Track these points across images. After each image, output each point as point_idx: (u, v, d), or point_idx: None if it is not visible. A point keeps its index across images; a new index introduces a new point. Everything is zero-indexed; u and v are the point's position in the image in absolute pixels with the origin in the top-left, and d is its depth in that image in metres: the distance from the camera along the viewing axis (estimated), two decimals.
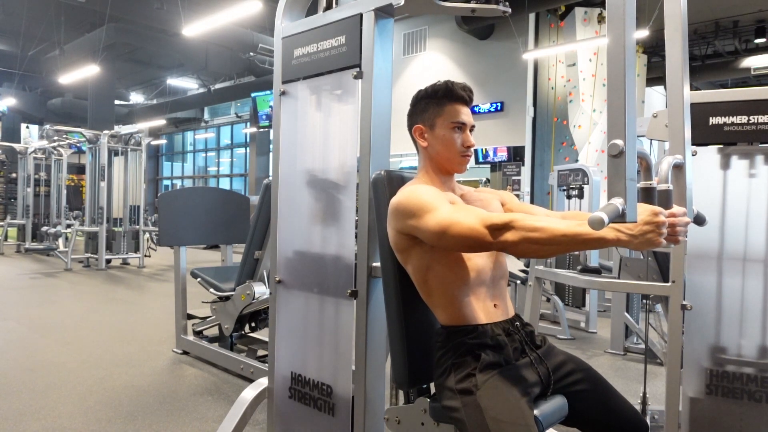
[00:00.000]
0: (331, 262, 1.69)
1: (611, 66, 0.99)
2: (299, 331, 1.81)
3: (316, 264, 1.74)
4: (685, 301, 1.86)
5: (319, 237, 1.76)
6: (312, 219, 1.78)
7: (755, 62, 11.36)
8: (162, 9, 10.58)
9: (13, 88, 16.54)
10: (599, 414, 1.41)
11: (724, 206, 1.87)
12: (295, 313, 1.82)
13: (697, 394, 1.86)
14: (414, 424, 1.46)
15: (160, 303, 5.40)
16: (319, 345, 1.73)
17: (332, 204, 1.71)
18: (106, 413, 2.61)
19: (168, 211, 3.56)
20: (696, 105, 1.87)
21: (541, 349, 1.43)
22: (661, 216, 1.09)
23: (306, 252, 1.79)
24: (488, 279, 1.43)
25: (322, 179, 1.75)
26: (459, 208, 1.35)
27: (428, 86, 1.50)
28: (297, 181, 1.82)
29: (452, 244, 1.29)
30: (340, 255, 1.68)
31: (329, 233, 1.72)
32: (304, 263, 1.79)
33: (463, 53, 11.36)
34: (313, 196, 1.78)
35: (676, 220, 1.14)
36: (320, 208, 1.75)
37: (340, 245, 1.68)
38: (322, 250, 1.74)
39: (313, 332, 1.76)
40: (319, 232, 1.76)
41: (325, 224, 1.74)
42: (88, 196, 8.25)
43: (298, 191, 1.82)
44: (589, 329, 4.58)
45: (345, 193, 1.67)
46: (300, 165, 1.82)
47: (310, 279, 1.77)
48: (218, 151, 20.78)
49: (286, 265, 1.83)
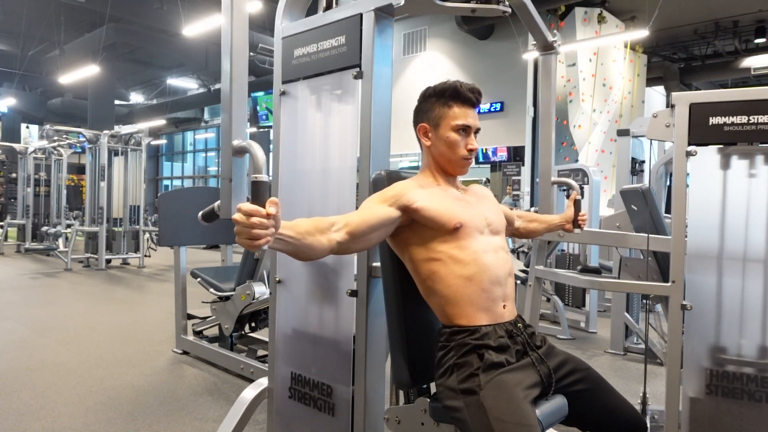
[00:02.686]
0: (331, 261, 1.69)
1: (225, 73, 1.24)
2: (299, 331, 1.81)
3: (316, 264, 1.74)
4: (685, 301, 1.86)
5: None
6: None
7: (755, 62, 11.37)
8: (162, 9, 10.59)
9: (13, 88, 16.54)
10: (599, 414, 1.41)
11: (724, 206, 1.87)
12: (295, 313, 1.82)
13: (697, 394, 1.86)
14: (414, 424, 1.46)
15: (160, 303, 5.40)
16: (319, 345, 1.73)
17: (332, 204, 1.71)
18: (106, 413, 2.61)
19: (168, 211, 3.56)
20: (696, 105, 1.87)
21: (542, 349, 1.43)
22: (237, 214, 0.99)
23: None
24: (499, 277, 1.41)
25: (322, 179, 1.75)
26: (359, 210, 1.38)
27: (437, 85, 1.48)
28: (297, 181, 1.82)
29: None
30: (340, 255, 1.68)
31: None
32: (304, 263, 1.79)
33: (463, 53, 11.37)
34: (313, 196, 1.78)
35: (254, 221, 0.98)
36: (320, 208, 1.75)
37: None
38: None
39: (313, 332, 1.75)
40: None
41: None
42: (88, 196, 8.25)
43: (298, 191, 1.82)
44: (589, 329, 4.58)
45: (345, 193, 1.67)
46: (300, 165, 1.82)
47: (310, 279, 1.77)
48: (218, 151, 20.76)
49: (286, 265, 1.83)
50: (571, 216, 1.95)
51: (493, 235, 1.48)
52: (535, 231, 1.91)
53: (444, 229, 1.38)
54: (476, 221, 1.44)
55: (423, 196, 1.40)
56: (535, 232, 1.92)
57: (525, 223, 1.86)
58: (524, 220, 1.87)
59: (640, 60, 11.46)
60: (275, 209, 1.01)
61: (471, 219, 1.42)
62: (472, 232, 1.41)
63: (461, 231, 1.39)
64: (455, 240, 1.38)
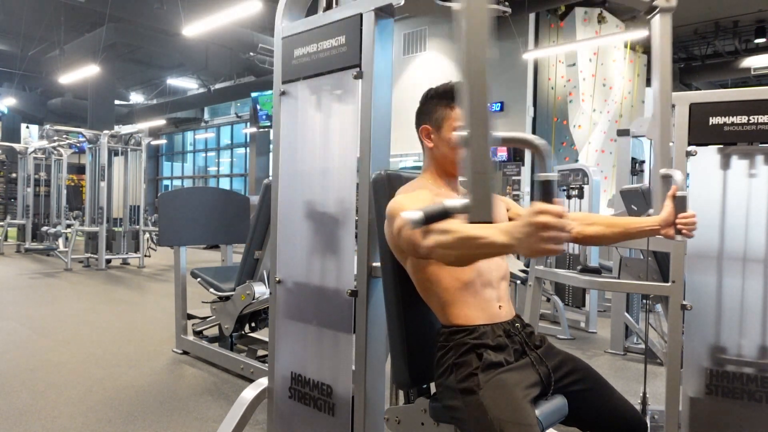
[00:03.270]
0: (331, 262, 1.70)
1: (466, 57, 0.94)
2: (299, 331, 1.81)
3: (316, 264, 1.74)
4: (685, 301, 1.86)
5: (319, 237, 1.76)
6: (312, 219, 1.78)
7: (755, 62, 11.36)
8: (162, 9, 10.58)
9: (13, 88, 16.53)
10: (599, 414, 1.41)
11: (724, 206, 1.87)
12: (295, 313, 1.82)
13: (697, 394, 1.86)
14: (414, 424, 1.46)
15: (160, 303, 5.40)
16: (319, 345, 1.73)
17: (332, 203, 1.71)
18: (106, 413, 2.61)
19: (168, 211, 3.56)
20: (696, 105, 1.87)
21: (541, 349, 1.43)
22: (542, 216, 0.89)
23: (306, 252, 1.79)
24: (493, 279, 1.42)
25: (322, 179, 1.75)
26: None
27: (439, 86, 1.48)
28: (297, 181, 1.82)
29: (405, 247, 1.29)
30: (340, 255, 1.68)
31: (329, 233, 1.72)
32: (304, 263, 1.79)
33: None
34: (313, 196, 1.78)
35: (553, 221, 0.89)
36: (320, 208, 1.75)
37: (340, 245, 1.68)
38: (322, 250, 1.74)
39: (313, 332, 1.75)
40: (319, 232, 1.76)
41: (325, 224, 1.74)
42: (88, 196, 8.25)
43: (298, 191, 1.82)
44: (589, 329, 4.57)
45: (345, 193, 1.67)
46: (300, 165, 1.82)
47: (310, 279, 1.77)
48: (218, 151, 20.77)
49: (286, 265, 1.83)
50: (671, 218, 1.49)
51: None
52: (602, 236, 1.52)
53: None
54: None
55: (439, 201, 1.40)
56: (603, 238, 1.53)
57: (582, 227, 1.52)
58: (580, 222, 1.53)
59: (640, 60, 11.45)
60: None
61: None
62: None
63: None
64: None
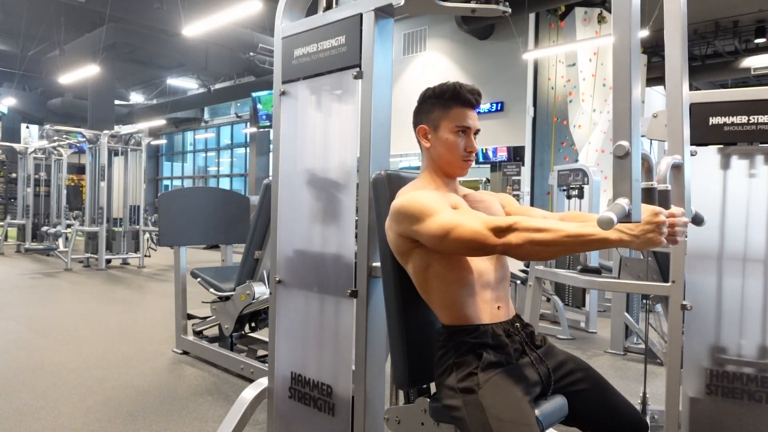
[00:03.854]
0: (331, 262, 1.70)
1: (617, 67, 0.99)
2: (299, 331, 1.81)
3: (316, 264, 1.74)
4: (685, 301, 1.86)
5: (319, 237, 1.76)
6: (312, 219, 1.78)
7: (755, 62, 11.36)
8: (162, 9, 10.58)
9: (13, 88, 16.54)
10: (599, 414, 1.41)
11: (724, 206, 1.87)
12: (295, 313, 1.82)
13: (697, 394, 1.86)
14: (414, 424, 1.46)
15: (160, 303, 5.40)
16: (319, 345, 1.73)
17: (332, 204, 1.71)
18: (106, 413, 2.61)
19: (168, 211, 3.56)
20: (696, 105, 1.87)
21: (541, 349, 1.43)
22: (661, 216, 1.10)
23: (306, 252, 1.79)
24: (492, 281, 1.42)
25: (322, 179, 1.75)
26: (461, 212, 1.34)
27: (436, 86, 1.48)
28: (297, 181, 1.82)
29: (455, 248, 1.27)
30: (340, 255, 1.68)
31: (329, 233, 1.72)
32: (304, 263, 1.79)
33: (463, 53, 11.37)
34: (313, 196, 1.78)
35: (675, 220, 1.14)
36: (320, 208, 1.76)
37: (340, 245, 1.68)
38: (322, 250, 1.74)
39: (313, 332, 1.76)
40: (319, 232, 1.76)
41: (325, 224, 1.74)
42: (88, 196, 8.25)
43: (298, 191, 1.82)
44: (589, 329, 4.57)
45: (345, 193, 1.67)
46: (300, 165, 1.82)
47: (310, 279, 1.77)
48: (218, 151, 20.78)
49: (286, 265, 1.83)
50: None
51: None
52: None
53: None
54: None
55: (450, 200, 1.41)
56: None
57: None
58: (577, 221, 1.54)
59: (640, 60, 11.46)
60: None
61: None
62: None
63: None
64: None
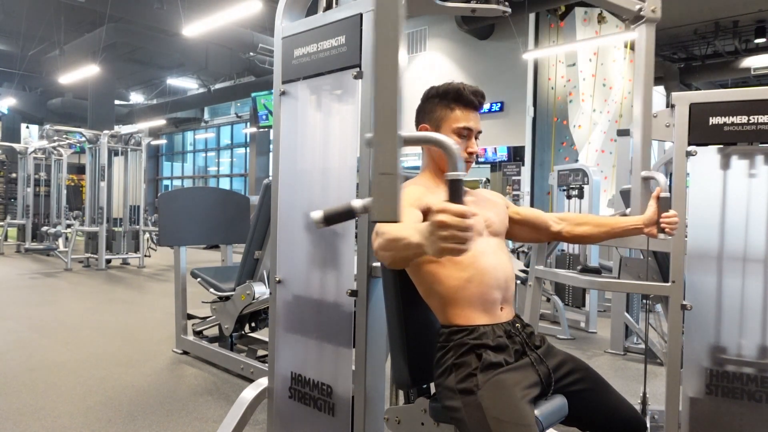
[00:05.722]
0: (331, 261, 1.69)
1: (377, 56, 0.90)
2: (299, 331, 1.81)
3: (316, 264, 1.74)
4: (685, 301, 1.86)
5: (319, 237, 1.76)
6: (312, 219, 1.78)
7: (755, 62, 11.36)
8: (162, 9, 10.58)
9: (13, 88, 16.53)
10: (598, 414, 1.41)
11: (724, 206, 1.87)
12: (295, 313, 1.82)
13: (697, 394, 1.86)
14: (414, 424, 1.46)
15: (160, 303, 5.40)
16: (319, 345, 1.73)
17: (332, 204, 1.71)
18: (106, 413, 2.61)
19: (168, 211, 3.56)
20: (696, 105, 1.87)
21: (541, 349, 1.43)
22: (441, 215, 0.89)
23: (306, 252, 1.79)
24: (497, 280, 1.40)
25: (322, 179, 1.75)
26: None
27: (441, 86, 1.48)
28: (297, 181, 1.82)
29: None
30: (340, 255, 1.68)
31: (329, 233, 1.72)
32: (304, 263, 1.79)
33: (463, 53, 11.36)
34: (313, 196, 1.78)
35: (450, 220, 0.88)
36: (320, 208, 1.75)
37: (340, 245, 1.68)
38: (322, 250, 1.74)
39: (313, 332, 1.75)
40: (319, 232, 1.76)
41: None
42: (88, 196, 8.25)
43: (298, 191, 1.82)
44: (589, 329, 4.58)
45: (345, 193, 1.67)
46: (300, 165, 1.82)
47: (310, 279, 1.77)
48: (218, 151, 20.77)
49: (286, 265, 1.83)
50: (654, 217, 1.60)
51: (492, 236, 1.48)
52: (590, 236, 1.62)
53: None
54: (476, 224, 1.43)
55: (434, 199, 1.40)
56: (591, 237, 1.63)
57: (571, 227, 1.63)
58: (570, 222, 1.64)
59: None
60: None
61: None
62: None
63: None
64: None
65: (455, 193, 0.93)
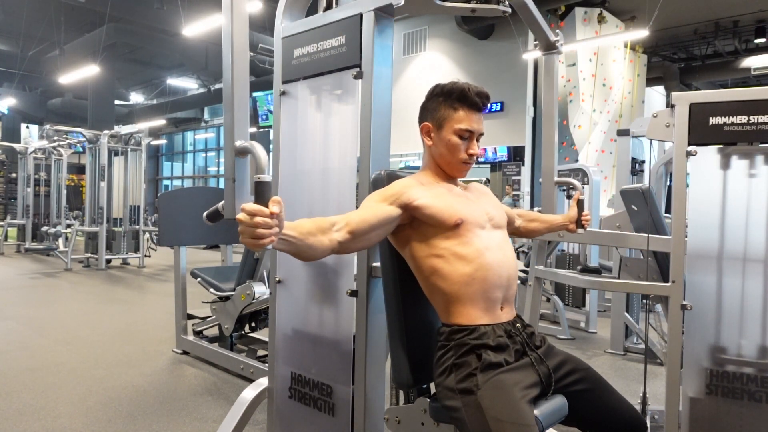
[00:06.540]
0: (331, 261, 1.69)
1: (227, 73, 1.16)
2: (299, 331, 1.81)
3: (316, 264, 1.74)
4: (685, 301, 1.86)
5: None
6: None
7: (755, 62, 11.37)
8: (162, 9, 10.59)
9: (13, 88, 16.54)
10: (598, 414, 1.41)
11: (724, 206, 1.87)
12: (295, 313, 1.82)
13: (697, 394, 1.86)
14: (414, 424, 1.46)
15: (160, 303, 5.40)
16: (319, 345, 1.73)
17: (332, 204, 1.71)
18: (106, 413, 2.61)
19: (168, 211, 3.56)
20: (696, 105, 1.87)
21: (541, 349, 1.43)
22: (239, 214, 1.00)
23: None
24: (500, 279, 1.40)
25: (321, 179, 1.75)
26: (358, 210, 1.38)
27: (446, 84, 1.47)
28: (297, 181, 1.82)
29: None
30: (340, 255, 1.67)
31: None
32: (304, 263, 1.79)
33: (463, 53, 11.37)
34: (313, 196, 1.78)
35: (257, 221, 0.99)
36: (320, 208, 1.75)
37: None
38: None
39: (313, 332, 1.75)
40: None
41: None
42: (88, 196, 8.25)
43: (298, 191, 1.82)
44: (589, 329, 4.57)
45: (345, 193, 1.67)
46: (300, 165, 1.82)
47: (310, 279, 1.77)
48: (218, 151, 20.78)
49: (286, 265, 1.83)
50: (575, 216, 1.93)
51: (495, 229, 1.48)
52: (536, 231, 1.88)
53: (445, 225, 1.38)
54: (477, 217, 1.43)
55: (423, 193, 1.40)
56: (536, 232, 1.90)
57: (525, 223, 1.85)
58: (525, 219, 1.86)
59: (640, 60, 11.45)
60: (278, 208, 1.02)
61: (472, 215, 1.42)
62: (473, 228, 1.41)
63: (462, 227, 1.39)
64: (457, 237, 1.38)
65: (260, 195, 1.05)
